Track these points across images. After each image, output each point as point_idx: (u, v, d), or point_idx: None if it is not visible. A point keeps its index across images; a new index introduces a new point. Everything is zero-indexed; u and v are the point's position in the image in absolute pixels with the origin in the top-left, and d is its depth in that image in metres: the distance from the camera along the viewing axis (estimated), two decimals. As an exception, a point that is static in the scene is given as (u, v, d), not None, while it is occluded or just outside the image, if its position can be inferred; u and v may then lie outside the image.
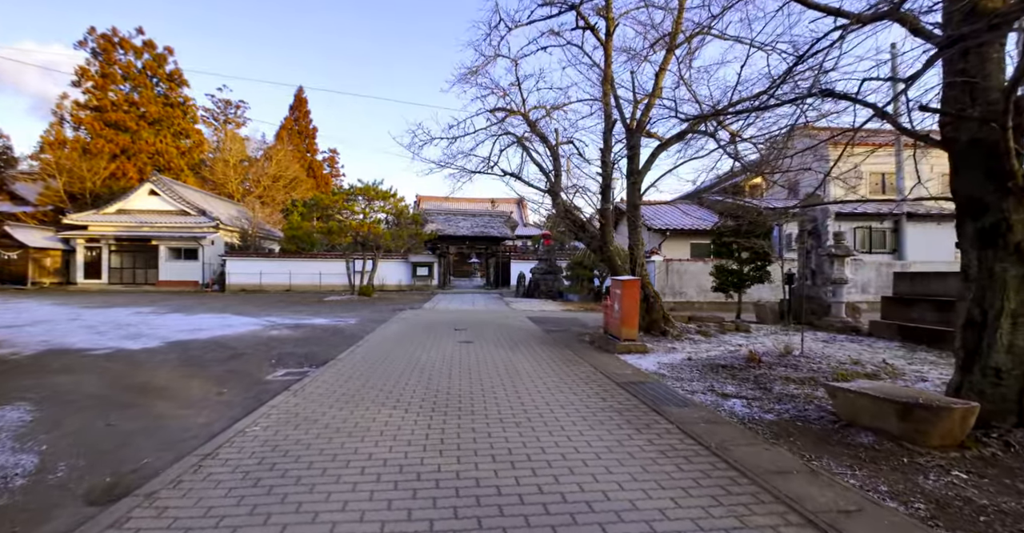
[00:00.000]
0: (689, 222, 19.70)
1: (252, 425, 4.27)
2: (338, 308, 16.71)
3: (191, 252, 29.59)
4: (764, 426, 4.39)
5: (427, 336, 9.86)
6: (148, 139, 37.62)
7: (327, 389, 5.55)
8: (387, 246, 20.90)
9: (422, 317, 13.59)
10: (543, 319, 13.32)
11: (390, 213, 20.37)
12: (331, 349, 8.40)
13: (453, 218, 29.19)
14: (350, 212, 19.51)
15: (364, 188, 20.21)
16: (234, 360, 7.56)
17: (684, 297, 16.97)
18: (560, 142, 11.48)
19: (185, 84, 41.13)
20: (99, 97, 36.86)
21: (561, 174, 11.24)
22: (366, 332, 10.53)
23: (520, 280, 24.23)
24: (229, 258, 27.60)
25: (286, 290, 27.23)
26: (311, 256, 27.65)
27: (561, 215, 11.02)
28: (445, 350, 8.14)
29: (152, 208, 30.84)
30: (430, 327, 11.31)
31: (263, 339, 9.64)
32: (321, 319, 13.17)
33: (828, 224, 11.68)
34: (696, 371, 6.56)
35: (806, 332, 9.99)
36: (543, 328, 11.31)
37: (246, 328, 11.33)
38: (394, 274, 28.07)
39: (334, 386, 5.69)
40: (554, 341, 9.29)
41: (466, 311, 15.68)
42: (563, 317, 14.06)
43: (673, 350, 8.13)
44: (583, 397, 5.21)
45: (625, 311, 7.83)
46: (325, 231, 18.98)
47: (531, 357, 7.56)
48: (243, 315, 14.31)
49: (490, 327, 11.40)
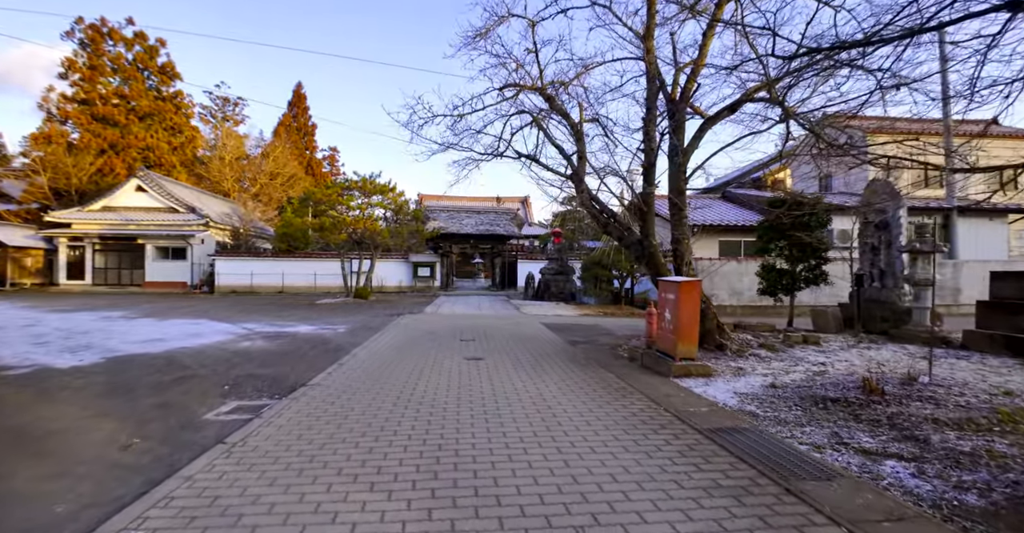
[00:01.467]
0: (715, 217, 17.91)
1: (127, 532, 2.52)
2: (329, 312, 14.98)
3: (179, 252, 27.95)
4: (981, 520, 2.62)
5: (427, 349, 8.11)
6: (138, 134, 36.02)
7: (280, 440, 3.80)
8: (385, 244, 19.18)
9: (422, 323, 11.85)
10: (561, 326, 11.55)
11: (388, 208, 18.65)
12: (307, 368, 6.66)
13: (456, 215, 27.45)
14: (345, 207, 17.78)
15: (360, 181, 18.50)
16: (177, 386, 5.82)
17: (716, 300, 15.15)
18: (584, 119, 9.73)
19: (178, 77, 39.56)
20: (87, 90, 35.30)
21: (585, 156, 9.48)
22: (355, 343, 8.78)
23: (528, 281, 22.47)
24: (218, 258, 25.91)
25: (279, 292, 25.53)
26: (305, 256, 25.95)
27: (586, 205, 9.26)
28: (450, 371, 6.39)
29: (139, 205, 29.20)
30: (431, 337, 9.56)
31: (228, 353, 7.90)
32: (306, 326, 11.43)
33: (901, 215, 9.90)
34: (795, 406, 4.78)
35: (888, 345, 8.21)
36: (565, 338, 9.54)
37: (216, 338, 9.60)
38: (394, 275, 26.34)
39: (292, 435, 3.94)
40: (585, 357, 7.52)
41: (472, 316, 13.92)
42: (583, 323, 12.29)
43: (741, 371, 6.35)
44: (662, 461, 3.44)
45: (682, 322, 6.06)
46: (317, 228, 17.25)
47: (563, 383, 5.79)
48: (221, 321, 12.60)
49: (502, 337, 9.64)
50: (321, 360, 7.25)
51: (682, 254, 8.11)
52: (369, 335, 9.84)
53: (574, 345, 8.69)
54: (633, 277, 15.21)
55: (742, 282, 15.29)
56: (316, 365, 6.85)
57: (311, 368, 6.67)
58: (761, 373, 6.26)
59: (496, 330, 10.68)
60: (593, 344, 8.88)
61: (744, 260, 15.55)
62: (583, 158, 9.46)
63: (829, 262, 10.85)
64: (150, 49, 38.32)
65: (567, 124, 9.71)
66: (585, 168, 9.49)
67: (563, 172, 9.74)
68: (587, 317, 14.06)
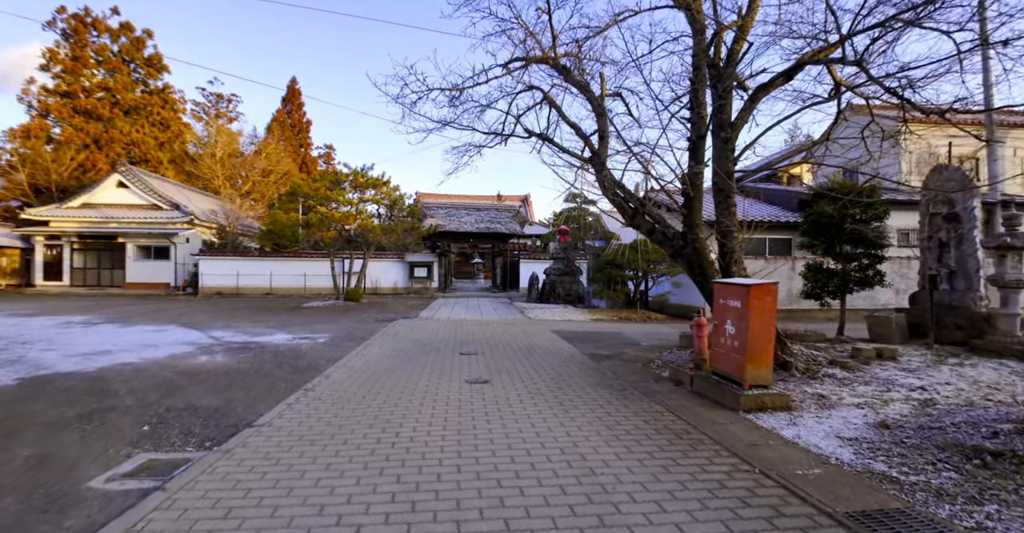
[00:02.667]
0: (756, 210, 16.44)
1: None
2: (314, 317, 13.49)
3: (162, 251, 26.43)
4: None
5: (420, 368, 6.63)
6: (123, 128, 34.49)
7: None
8: (379, 243, 17.70)
9: (417, 331, 10.37)
10: (576, 335, 10.08)
11: (381, 203, 17.15)
12: (264, 396, 5.19)
13: (455, 212, 25.98)
14: (334, 202, 16.27)
15: (351, 174, 17.02)
16: (82, 424, 4.34)
17: (742, 303, 13.72)
18: (606, 94, 8.27)
19: (165, 69, 38.03)
20: (69, 82, 33.76)
21: (607, 136, 8.02)
22: (333, 359, 7.31)
23: (532, 282, 21.00)
24: (202, 258, 24.40)
25: (266, 293, 24.03)
26: (295, 255, 24.44)
27: (608, 192, 7.80)
28: (447, 403, 4.91)
29: (120, 202, 27.68)
30: (425, 350, 8.09)
31: (174, 373, 6.42)
32: (283, 335, 9.94)
33: (975, 207, 8.45)
34: (939, 462, 3.32)
35: (982, 361, 6.76)
36: (584, 350, 8.08)
37: (172, 350, 8.12)
38: (388, 275, 24.85)
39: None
40: (616, 378, 6.06)
41: (473, 323, 12.44)
42: (600, 331, 10.82)
43: (825, 401, 4.88)
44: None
45: (753, 338, 4.60)
46: (303, 224, 15.76)
47: (599, 422, 4.32)
48: (190, 328, 11.12)
49: (509, 349, 8.17)
50: (285, 383, 5.78)
51: (732, 250, 6.66)
52: (352, 347, 8.36)
53: (598, 360, 7.23)
54: (652, 278, 13.74)
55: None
56: (276, 391, 5.38)
57: (269, 395, 5.19)
58: (851, 403, 4.80)
59: (502, 340, 9.21)
60: (620, 359, 7.41)
61: (775, 260, 14.11)
62: (604, 138, 8.00)
63: (886, 260, 9.42)
64: (136, 40, 36.81)
65: (586, 98, 8.25)
66: (607, 149, 8.04)
67: (580, 154, 8.27)
68: (602, 323, 12.59)
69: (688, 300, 13.89)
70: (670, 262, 13.69)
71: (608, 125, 8.12)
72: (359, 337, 9.52)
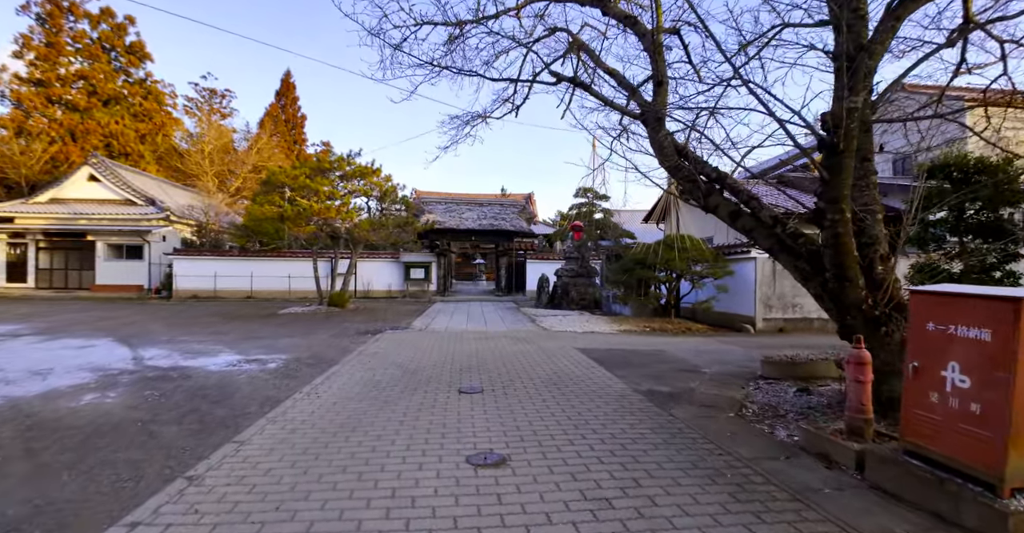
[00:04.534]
0: (786, 202, 14.09)
1: None
2: (286, 328, 11.19)
3: (135, 250, 24.17)
4: None
5: (394, 424, 4.32)
6: (101, 119, 32.28)
7: None
8: (367, 239, 15.41)
9: (404, 349, 8.06)
10: (610, 355, 7.76)
11: (369, 193, 14.84)
12: (91, 503, 2.88)
13: (455, 207, 23.68)
14: (316, 193, 13.98)
15: (336, 161, 14.75)
16: None
17: (799, 311, 11.41)
18: (663, 28, 5.95)
19: (148, 58, 35.83)
20: (43, 70, 31.56)
21: (666, 82, 5.71)
22: (272, 401, 5.01)
23: (542, 285, 18.69)
24: (177, 258, 22.14)
25: (246, 297, 21.74)
26: (278, 255, 22.16)
27: (669, 161, 5.49)
28: (434, 511, 2.59)
29: (91, 197, 25.46)
30: (410, 383, 5.77)
31: (13, 430, 4.11)
32: (229, 356, 7.64)
33: None
34: None
35: None
36: (634, 384, 5.76)
37: (59, 382, 5.83)
38: (382, 277, 22.55)
39: None
40: (720, 451, 3.74)
41: (476, 336, 10.13)
42: (638, 348, 8.49)
43: None
44: None
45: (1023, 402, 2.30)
46: (277, 217, 13.47)
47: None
48: (122, 343, 8.86)
49: (528, 382, 5.86)
50: (166, 460, 3.47)
51: (875, 239, 4.33)
52: (311, 377, 6.05)
53: (664, 405, 4.91)
54: (695, 281, 11.42)
55: (833, 287, 11.53)
56: (144, 477, 3.07)
57: (129, 485, 2.89)
58: None
59: (515, 364, 6.89)
60: (693, 401, 5.09)
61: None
62: (663, 84, 5.70)
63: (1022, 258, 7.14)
64: (117, 27, 34.63)
65: (634, 33, 5.96)
66: (667, 99, 5.73)
67: (624, 109, 5.96)
68: (633, 336, 10.27)
69: (733, 307, 11.58)
70: (713, 262, 11.37)
71: (666, 69, 5.81)
72: (326, 360, 7.20)
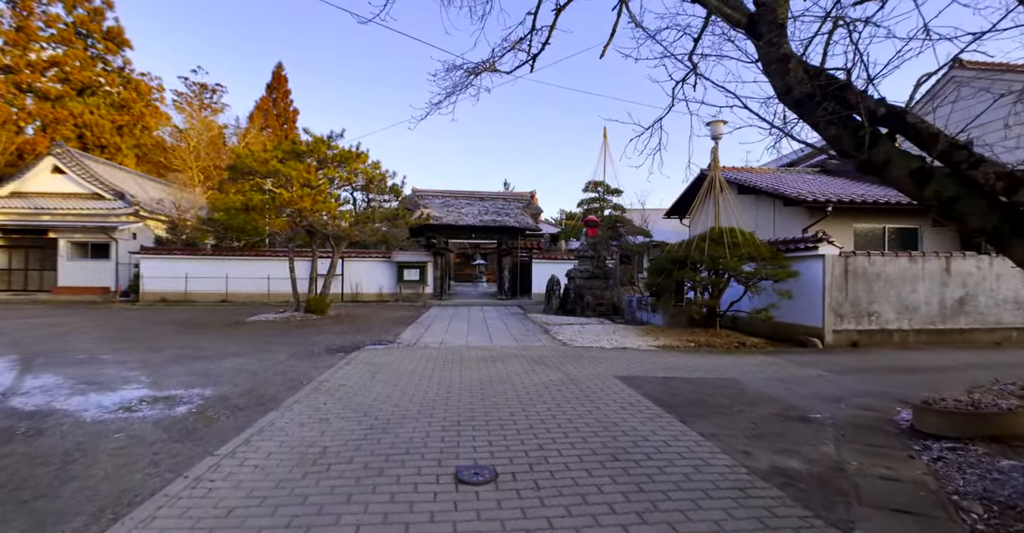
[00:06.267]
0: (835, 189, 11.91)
1: None
2: (241, 343, 9.01)
3: (101, 248, 21.96)
4: None
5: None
6: (74, 109, 30.07)
7: None
8: (350, 235, 13.21)
9: (381, 378, 5.88)
10: (668, 389, 5.58)
11: (352, 180, 12.64)
12: None
13: (454, 202, 21.50)
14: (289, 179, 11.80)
15: (313, 143, 12.57)
16: None
17: (876, 321, 9.25)
18: None
19: (127, 44, 33.64)
20: (13, 56, 29.35)
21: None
22: (135, 493, 2.83)
23: (552, 288, 16.51)
24: (144, 257, 19.95)
25: (221, 300, 19.55)
26: (257, 254, 19.97)
27: (800, 87, 3.35)
28: None
29: (56, 190, 23.28)
30: (377, 448, 3.60)
31: None
32: (133, 390, 5.45)
33: None
34: None
35: None
36: (731, 447, 3.61)
37: None
38: (372, 278, 20.36)
39: None
40: None
41: (480, 354, 7.94)
42: (705, 377, 6.31)
43: None
44: None
45: None
46: (242, 207, 11.28)
47: None
48: (17, 364, 6.69)
49: (564, 444, 3.70)
50: None
51: None
52: (225, 435, 3.87)
53: (818, 504, 2.73)
54: (753, 286, 9.26)
55: (916, 292, 9.38)
56: None
57: None
58: None
59: (542, 414, 4.70)
60: (859, 492, 2.92)
61: (920, 256, 9.61)
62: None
63: None
64: (94, 11, 32.43)
65: None
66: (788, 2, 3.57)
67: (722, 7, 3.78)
68: (678, 354, 8.10)
69: (794, 316, 9.43)
70: (773, 260, 9.22)
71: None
72: (265, 399, 5.01)
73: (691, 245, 9.53)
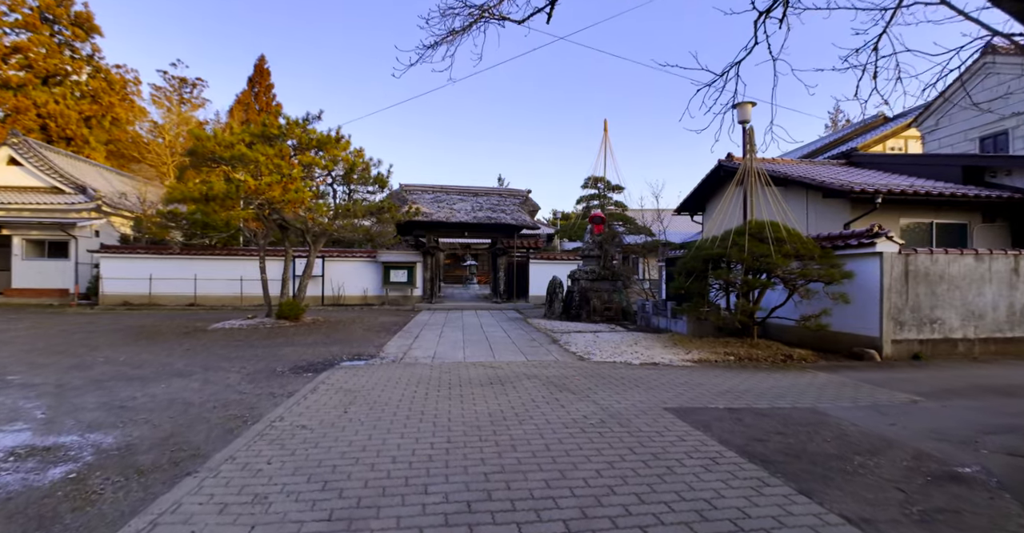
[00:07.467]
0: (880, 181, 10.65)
1: None
2: (187, 357, 7.45)
3: (60, 247, 20.10)
4: None
5: None
6: (38, 98, 28.06)
7: None
8: (328, 230, 11.66)
9: (354, 416, 4.41)
10: (743, 428, 4.19)
11: (329, 168, 11.08)
12: None
13: (445, 198, 20.00)
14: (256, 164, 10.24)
15: (288, 125, 11.04)
16: None
17: (939, 330, 7.95)
18: None
19: (96, 31, 31.61)
20: (-31, 41, 27.30)
21: None
22: None
23: (554, 291, 15.09)
24: (104, 256, 18.16)
25: (189, 304, 17.83)
26: (228, 252, 18.30)
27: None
28: None
29: (11, 183, 21.36)
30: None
31: None
32: (11, 436, 3.91)
33: None
34: None
35: None
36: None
37: None
38: (356, 280, 18.78)
39: None
40: None
41: (482, 374, 6.49)
42: (768, 406, 4.92)
43: None
44: None
45: None
46: (200, 196, 9.69)
47: None
48: None
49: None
50: None
51: None
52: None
53: None
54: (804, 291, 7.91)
55: (983, 296, 8.10)
56: None
57: None
58: None
59: (589, 488, 3.27)
60: None
61: (990, 255, 8.34)
62: None
63: None
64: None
65: None
66: None
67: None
68: (720, 370, 6.71)
69: (845, 324, 8.12)
70: (822, 259, 7.88)
71: None
72: (184, 454, 3.51)
73: (728, 241, 8.17)
